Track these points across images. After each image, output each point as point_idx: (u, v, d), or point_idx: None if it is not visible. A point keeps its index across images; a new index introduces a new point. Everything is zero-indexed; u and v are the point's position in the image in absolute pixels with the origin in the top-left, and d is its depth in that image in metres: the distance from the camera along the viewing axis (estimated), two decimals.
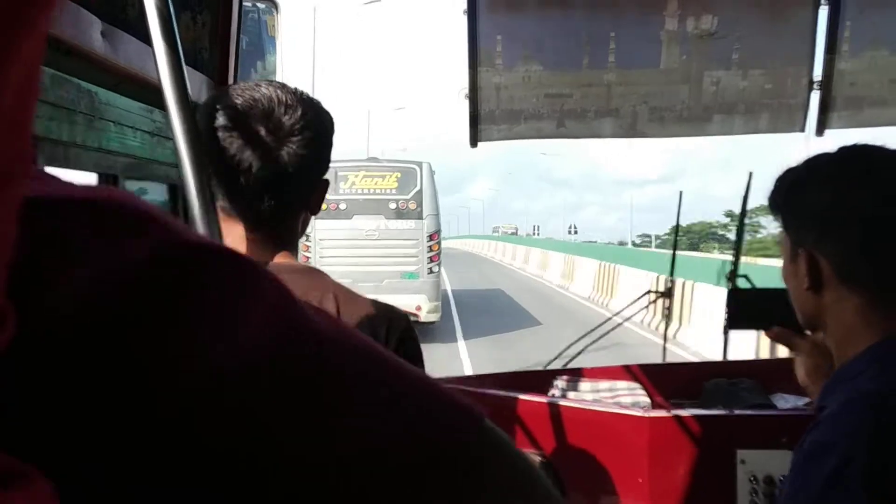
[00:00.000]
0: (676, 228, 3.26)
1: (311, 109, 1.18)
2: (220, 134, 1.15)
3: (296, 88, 1.21)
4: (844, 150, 1.14)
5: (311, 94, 1.22)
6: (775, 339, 1.25)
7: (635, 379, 2.29)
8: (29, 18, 0.24)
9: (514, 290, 22.24)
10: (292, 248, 1.25)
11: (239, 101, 1.16)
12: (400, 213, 13.09)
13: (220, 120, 1.15)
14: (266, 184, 1.15)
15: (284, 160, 1.15)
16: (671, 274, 2.96)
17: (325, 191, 1.26)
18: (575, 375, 2.30)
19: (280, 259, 1.22)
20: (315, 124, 1.18)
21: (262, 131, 1.14)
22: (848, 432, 0.98)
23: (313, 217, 1.29)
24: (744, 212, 2.83)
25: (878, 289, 1.08)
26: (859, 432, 0.97)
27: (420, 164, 13.41)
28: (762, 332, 1.30)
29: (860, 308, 1.08)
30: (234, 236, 1.21)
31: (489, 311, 17.10)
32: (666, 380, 2.34)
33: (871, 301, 1.08)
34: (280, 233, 1.22)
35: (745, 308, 1.40)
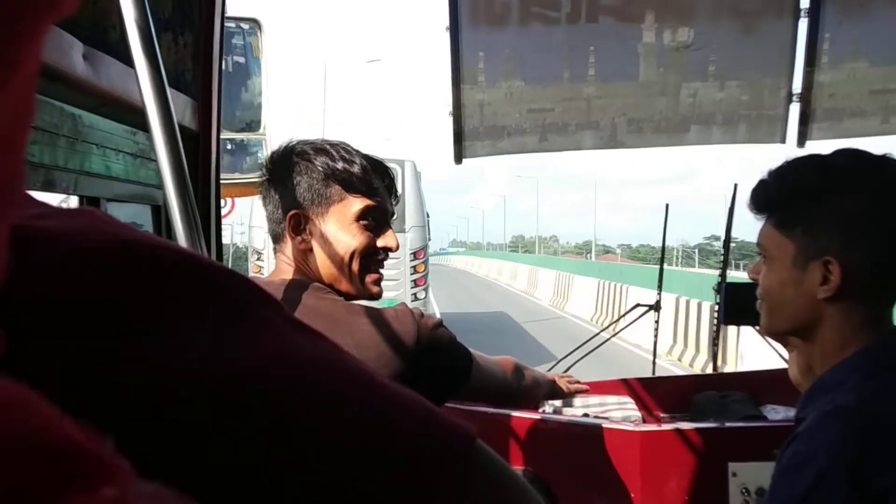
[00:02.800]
0: (664, 243, 3.27)
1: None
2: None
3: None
4: (861, 157, 1.11)
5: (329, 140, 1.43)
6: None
7: (626, 393, 2.28)
8: (28, 38, 0.24)
9: None
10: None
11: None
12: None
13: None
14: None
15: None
16: (659, 289, 2.97)
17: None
18: None
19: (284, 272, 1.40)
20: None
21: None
22: (826, 445, 0.98)
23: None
24: (730, 224, 2.84)
25: (876, 301, 1.08)
26: (837, 445, 0.97)
27: (402, 163, 10.50)
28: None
29: (860, 319, 1.07)
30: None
31: None
32: (656, 393, 2.34)
33: (868, 313, 1.08)
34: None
35: (740, 302, 1.39)
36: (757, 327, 1.26)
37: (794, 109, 2.70)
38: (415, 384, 1.53)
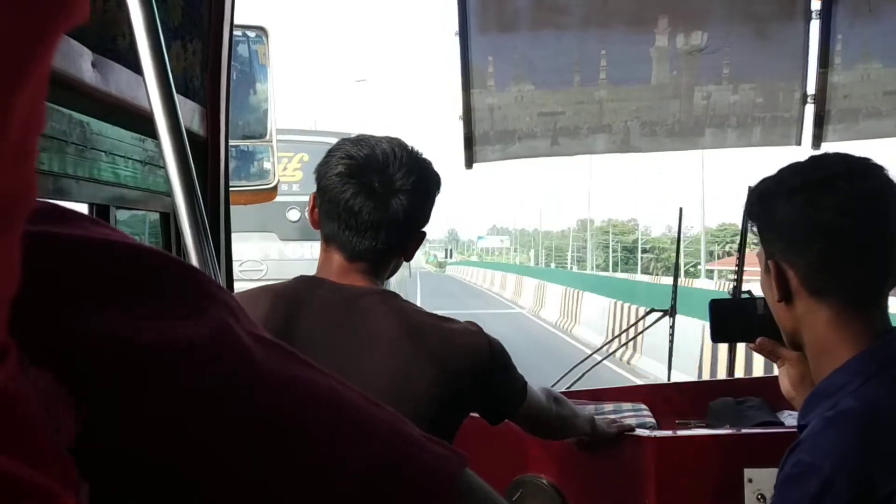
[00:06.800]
0: (678, 245, 3.25)
1: (421, 169, 1.38)
2: (339, 179, 1.34)
3: (411, 148, 1.39)
4: (812, 160, 1.13)
5: (421, 153, 1.40)
6: (759, 350, 1.23)
7: (641, 399, 2.27)
8: (37, 50, 0.23)
9: None
10: (381, 282, 1.42)
11: (359, 153, 1.35)
12: (308, 230, 6.49)
13: (340, 167, 1.34)
14: (372, 227, 1.34)
15: (391, 210, 1.33)
16: (673, 294, 2.95)
17: (420, 240, 1.44)
18: (579, 397, 2.28)
19: (367, 284, 1.38)
20: (422, 182, 1.37)
21: (376, 182, 1.33)
22: (829, 453, 0.97)
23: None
24: (745, 230, 2.82)
25: (848, 301, 1.06)
26: (841, 452, 0.96)
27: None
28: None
29: (832, 321, 1.07)
30: (333, 265, 1.38)
31: None
32: (671, 399, 2.32)
33: (843, 314, 1.06)
34: (374, 268, 1.39)
35: (729, 319, 1.36)
36: (748, 344, 1.25)
37: (809, 111, 2.68)
38: (474, 402, 1.53)
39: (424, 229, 1.44)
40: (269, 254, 7.32)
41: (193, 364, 0.35)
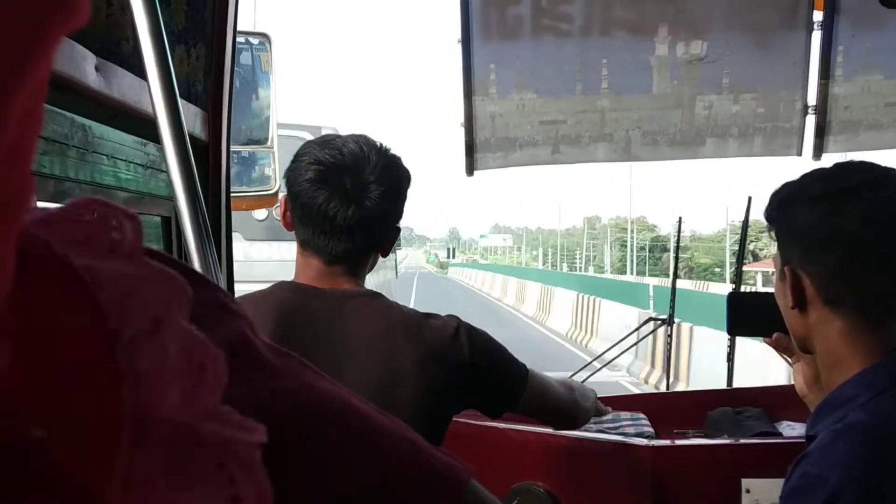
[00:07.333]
0: (676, 253, 3.26)
1: (390, 165, 1.37)
2: (310, 185, 1.34)
3: (380, 145, 1.39)
4: (836, 168, 1.13)
5: (389, 149, 1.40)
6: (775, 345, 1.23)
7: (639, 409, 2.26)
8: (37, 49, 0.23)
9: None
10: (361, 280, 1.42)
11: (328, 156, 1.35)
12: (276, 230, 6.61)
13: (310, 173, 1.34)
14: (347, 229, 1.34)
15: (365, 210, 1.33)
16: (671, 303, 2.95)
17: (396, 236, 1.44)
18: None
19: (349, 286, 1.39)
20: (393, 179, 1.37)
21: (348, 184, 1.33)
22: (837, 466, 0.96)
23: None
24: (744, 237, 2.83)
25: (864, 313, 1.06)
26: (848, 466, 0.95)
27: (319, 131, 6.73)
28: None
29: (845, 331, 1.06)
30: (312, 270, 1.39)
31: None
32: (670, 409, 2.32)
33: (857, 325, 1.06)
34: (353, 269, 1.40)
35: (745, 313, 1.37)
36: (764, 339, 1.25)
37: (810, 122, 2.69)
38: (467, 396, 1.53)
39: (399, 225, 1.45)
40: (237, 256, 6.70)
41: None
